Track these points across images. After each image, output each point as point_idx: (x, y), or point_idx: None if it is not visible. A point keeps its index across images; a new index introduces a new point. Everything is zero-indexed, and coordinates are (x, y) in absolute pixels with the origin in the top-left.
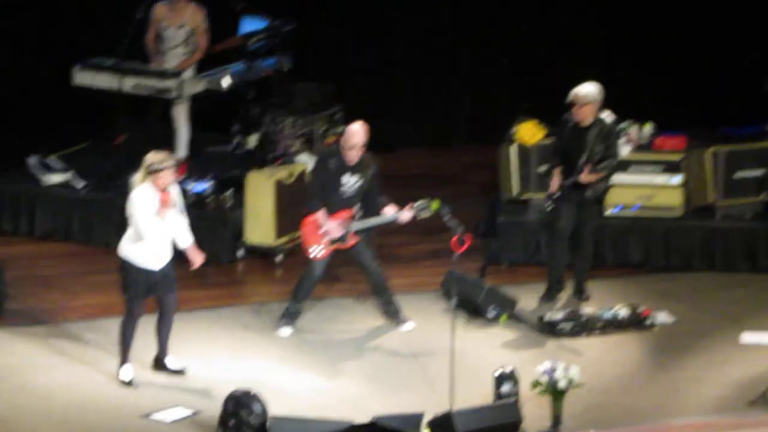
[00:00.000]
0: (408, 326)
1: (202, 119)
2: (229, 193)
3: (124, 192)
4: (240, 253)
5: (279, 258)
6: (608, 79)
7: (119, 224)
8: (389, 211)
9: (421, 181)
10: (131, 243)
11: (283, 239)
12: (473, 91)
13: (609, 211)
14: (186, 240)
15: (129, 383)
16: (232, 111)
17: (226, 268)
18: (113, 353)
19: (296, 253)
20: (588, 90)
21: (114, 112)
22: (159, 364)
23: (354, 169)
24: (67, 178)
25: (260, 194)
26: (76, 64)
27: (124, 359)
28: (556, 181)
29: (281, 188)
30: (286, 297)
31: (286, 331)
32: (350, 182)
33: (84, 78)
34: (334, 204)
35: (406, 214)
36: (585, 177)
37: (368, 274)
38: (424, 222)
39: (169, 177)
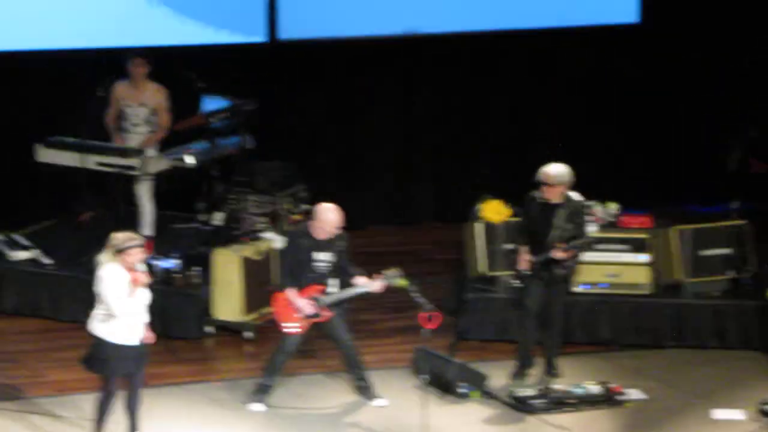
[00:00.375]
0: (379, 402)
1: (166, 198)
2: (196, 270)
3: (90, 269)
4: (208, 329)
5: (249, 334)
6: (571, 157)
7: (87, 301)
8: (361, 283)
9: (389, 258)
10: (103, 321)
11: (252, 315)
12: (438, 170)
13: (577, 287)
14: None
15: None
16: (196, 189)
17: (194, 344)
18: (84, 428)
19: (265, 329)
20: (559, 171)
21: (78, 190)
22: None
23: (325, 246)
24: (34, 254)
25: (227, 270)
26: (38, 142)
27: None
28: (524, 259)
29: (248, 264)
30: (256, 373)
31: (257, 406)
32: (322, 258)
33: (47, 155)
34: (307, 280)
35: (377, 284)
36: (558, 253)
37: (341, 348)
38: (394, 299)
39: (136, 255)
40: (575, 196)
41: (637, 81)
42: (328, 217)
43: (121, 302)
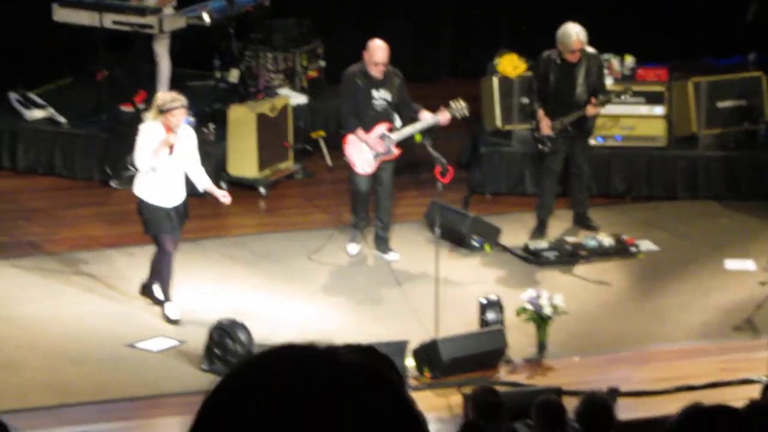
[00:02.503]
0: (392, 256)
1: (183, 55)
2: (211, 126)
3: (106, 127)
4: (223, 185)
5: (262, 190)
6: (587, 11)
7: (102, 159)
8: (426, 116)
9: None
10: (143, 181)
11: (266, 172)
12: (454, 25)
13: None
14: (203, 182)
15: (176, 321)
16: (213, 47)
17: (209, 200)
18: (97, 285)
19: (279, 185)
20: (583, 33)
21: (95, 49)
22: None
23: (381, 84)
24: (50, 113)
25: (242, 127)
26: (55, 1)
27: (166, 297)
28: (546, 122)
29: (263, 121)
30: (271, 228)
31: (351, 247)
32: (380, 96)
33: (64, 14)
34: (370, 120)
35: (443, 116)
36: (592, 110)
37: (380, 192)
38: (408, 153)
39: (179, 116)
40: (590, 50)
41: None
42: (374, 52)
43: (144, 157)
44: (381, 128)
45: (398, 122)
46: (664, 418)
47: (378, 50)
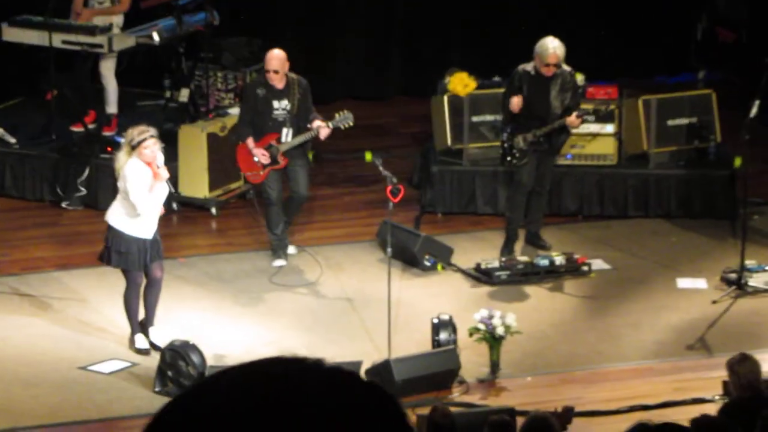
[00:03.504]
0: (279, 263)
1: (132, 75)
2: (161, 146)
3: (56, 147)
4: (174, 206)
5: (214, 210)
6: (537, 28)
7: (52, 179)
8: (314, 126)
9: (356, 132)
10: (123, 215)
11: (217, 191)
12: (404, 43)
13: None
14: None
15: (145, 351)
16: (162, 66)
17: (160, 220)
18: (48, 307)
19: (230, 205)
20: (561, 48)
21: (44, 68)
22: (144, 331)
23: (282, 94)
24: (0, 133)
25: (193, 147)
26: (3, 21)
27: (134, 330)
28: (521, 135)
29: (214, 141)
30: (223, 249)
31: (277, 262)
32: (281, 107)
33: (13, 34)
34: (269, 129)
35: (324, 129)
36: (575, 121)
37: (292, 196)
38: (359, 172)
39: (152, 146)
40: (566, 67)
41: None
42: (272, 58)
43: (145, 200)
44: (268, 140)
45: (290, 133)
46: None
47: (271, 59)
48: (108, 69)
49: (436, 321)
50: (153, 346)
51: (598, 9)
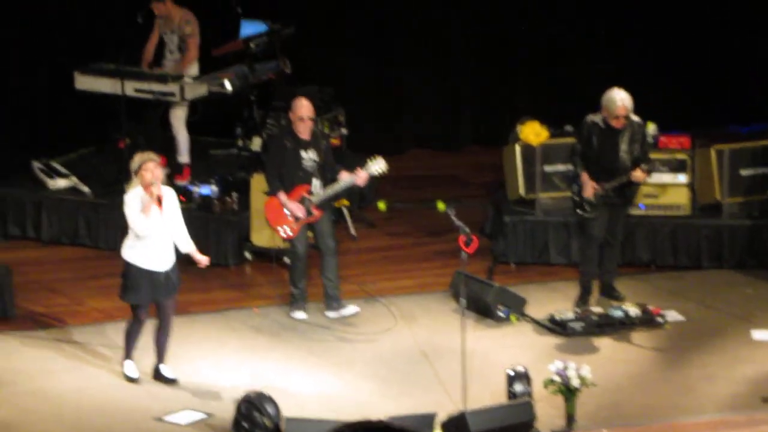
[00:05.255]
0: (351, 310)
1: (204, 123)
2: (234, 195)
3: None
4: (247, 255)
5: (287, 260)
6: (609, 78)
7: (124, 228)
8: (345, 177)
9: (427, 182)
10: (131, 245)
11: None
12: (476, 93)
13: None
14: (186, 244)
15: (134, 380)
16: (234, 115)
17: (233, 270)
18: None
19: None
20: (628, 99)
21: (116, 117)
22: (155, 371)
23: (309, 145)
24: (73, 182)
25: (266, 196)
26: (77, 69)
27: (127, 354)
28: (590, 186)
29: None
30: None
31: (299, 314)
32: (308, 157)
33: (86, 82)
34: (299, 180)
35: (361, 176)
36: (641, 175)
37: (324, 253)
38: (432, 223)
39: (151, 172)
40: (635, 118)
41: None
42: (298, 107)
43: (139, 221)
44: (300, 192)
45: (318, 184)
46: None
47: (303, 106)
48: (178, 118)
49: (511, 372)
50: (165, 379)
51: (670, 57)
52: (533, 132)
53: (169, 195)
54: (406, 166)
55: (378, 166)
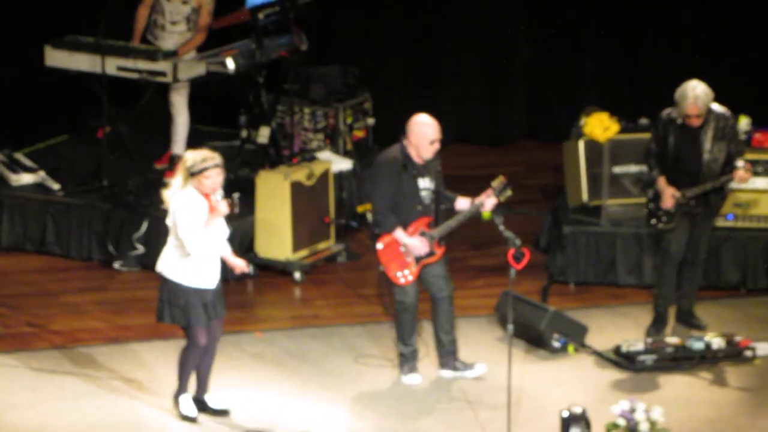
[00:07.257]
0: (478, 370)
1: (203, 109)
2: (236, 197)
3: (108, 195)
4: (250, 269)
5: (298, 276)
6: (695, 67)
7: (103, 234)
8: (465, 205)
9: (469, 184)
10: (178, 260)
11: (302, 253)
12: (531, 79)
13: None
14: (224, 248)
15: (192, 419)
16: (238, 100)
17: (233, 287)
18: (98, 388)
19: (317, 269)
20: (704, 95)
21: (95, 100)
22: (198, 403)
23: (425, 171)
24: (40, 178)
25: (273, 198)
26: (47, 42)
27: (182, 389)
28: (669, 194)
29: (299, 191)
30: (306, 322)
31: (413, 378)
32: (424, 187)
33: (58, 58)
34: (416, 215)
35: (488, 201)
36: (743, 175)
37: (436, 297)
38: (474, 234)
39: (214, 177)
40: (719, 109)
41: None
42: (426, 129)
43: (198, 236)
44: (420, 225)
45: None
46: None
47: (430, 127)
48: (179, 100)
49: (566, 414)
50: (213, 411)
51: (761, 42)
52: (600, 125)
53: (220, 196)
54: (445, 164)
55: (504, 188)
